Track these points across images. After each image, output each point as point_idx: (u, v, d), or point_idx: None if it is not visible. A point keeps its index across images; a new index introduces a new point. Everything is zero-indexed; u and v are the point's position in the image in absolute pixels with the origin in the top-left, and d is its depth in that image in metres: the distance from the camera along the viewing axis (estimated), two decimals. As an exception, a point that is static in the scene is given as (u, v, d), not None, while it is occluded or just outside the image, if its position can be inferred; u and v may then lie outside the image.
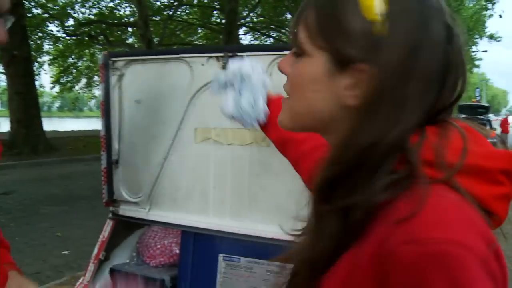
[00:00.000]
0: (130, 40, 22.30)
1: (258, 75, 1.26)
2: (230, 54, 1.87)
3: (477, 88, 33.12)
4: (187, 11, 23.16)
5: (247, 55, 1.78)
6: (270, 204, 1.85)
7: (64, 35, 20.36)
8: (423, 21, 0.62)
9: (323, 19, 0.65)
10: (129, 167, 2.18)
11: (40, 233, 5.94)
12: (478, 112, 18.56)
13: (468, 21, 24.53)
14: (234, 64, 1.27)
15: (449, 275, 0.50)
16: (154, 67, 2.08)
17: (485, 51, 38.29)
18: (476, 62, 34.03)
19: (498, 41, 28.19)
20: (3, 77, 16.27)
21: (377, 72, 0.60)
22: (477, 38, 28.36)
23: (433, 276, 0.50)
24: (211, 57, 1.92)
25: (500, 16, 22.75)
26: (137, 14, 17.05)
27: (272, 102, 1.28)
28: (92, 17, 20.24)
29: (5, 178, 9.89)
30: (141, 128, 2.13)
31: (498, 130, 20.31)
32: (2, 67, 15.32)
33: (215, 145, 1.97)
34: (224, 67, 1.86)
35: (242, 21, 21.87)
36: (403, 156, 0.60)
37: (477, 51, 32.21)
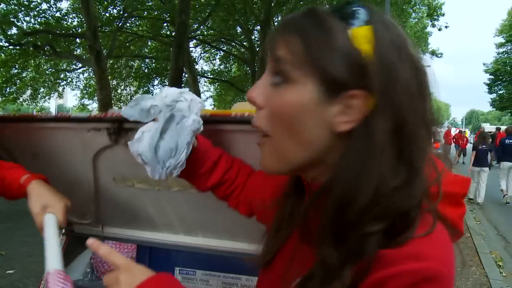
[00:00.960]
0: (78, 51, 21.78)
1: (194, 117, 1.02)
2: (113, 126, 1.52)
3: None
4: (137, 23, 22.91)
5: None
6: (220, 228, 1.81)
7: (7, 44, 19.60)
8: (402, 53, 0.67)
9: (313, 46, 0.64)
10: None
11: (-17, 251, 5.70)
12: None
13: (412, 38, 25.60)
14: (171, 93, 1.02)
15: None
16: (33, 130, 1.68)
17: (428, 66, 40.00)
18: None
19: (440, 57, 29.56)
20: None
21: (374, 98, 0.63)
22: (420, 54, 29.58)
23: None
24: (95, 128, 1.55)
25: (440, 29, 23.94)
26: (85, 24, 16.70)
27: (201, 147, 1.15)
28: (37, 26, 19.61)
29: None
30: (53, 175, 1.74)
31: (442, 141, 21.26)
32: None
33: (142, 189, 1.77)
34: (110, 138, 1.53)
35: (192, 33, 21.86)
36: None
37: (420, 66, 33.58)
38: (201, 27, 23.38)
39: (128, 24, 21.95)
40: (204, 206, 1.73)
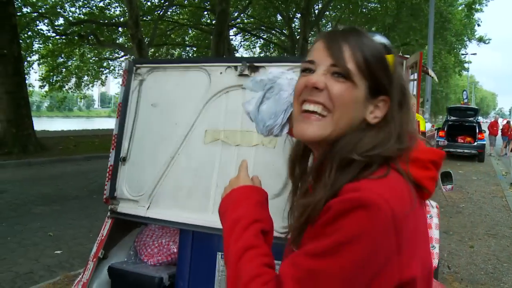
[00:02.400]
0: (120, 40, 22.20)
1: (291, 92, 1.25)
2: (248, 64, 2.03)
3: (464, 90, 33.22)
4: (178, 12, 23.12)
5: (264, 65, 1.98)
6: (270, 204, 1.87)
7: (54, 34, 20.23)
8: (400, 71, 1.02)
9: (372, 61, 0.94)
10: (135, 165, 2.24)
11: (32, 233, 5.91)
12: (467, 114, 18.59)
13: (457, 25, 24.79)
14: (274, 72, 1.31)
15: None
16: (174, 74, 2.20)
17: (474, 54, 38.51)
18: (465, 65, 33.98)
19: (487, 43, 28.45)
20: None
21: (390, 102, 0.96)
22: (466, 41, 28.54)
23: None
24: (229, 66, 2.08)
25: (479, 25, 23.19)
26: (127, 14, 16.99)
27: None
28: (82, 16, 20.13)
29: (-5, 178, 9.83)
30: (153, 129, 2.22)
31: (487, 132, 20.38)
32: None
33: (222, 146, 2.05)
34: (240, 74, 2.04)
35: (232, 22, 21.88)
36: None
37: (466, 54, 32.41)
38: (241, 15, 23.38)
39: (169, 13, 22.20)
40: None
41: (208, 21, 23.13)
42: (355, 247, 0.78)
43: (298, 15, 23.20)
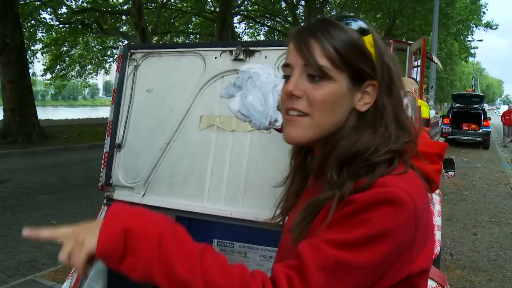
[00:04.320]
0: (124, 28, 22.11)
1: (268, 76, 1.31)
2: (243, 48, 2.00)
3: (473, 77, 32.85)
4: (181, -1, 22.98)
5: (260, 50, 1.99)
6: (265, 189, 1.88)
7: (57, 23, 20.16)
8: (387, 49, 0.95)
9: (345, 51, 0.88)
10: (131, 152, 2.23)
11: (35, 221, 5.95)
12: (472, 101, 18.42)
13: (462, 12, 24.49)
14: (244, 66, 1.35)
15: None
16: (170, 59, 2.20)
17: (481, 40, 38.07)
18: (472, 51, 33.58)
19: (495, 29, 28.10)
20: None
21: (378, 85, 0.91)
22: (473, 27, 28.18)
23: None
24: (224, 51, 2.08)
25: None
26: (130, 2, 16.90)
27: None
28: (85, 5, 20.03)
29: (-1, 167, 9.88)
30: (149, 115, 2.22)
31: (496, 122, 19.31)
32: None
33: (218, 132, 2.05)
34: (235, 59, 2.04)
35: (236, 9, 21.72)
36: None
37: (472, 40, 32.03)
38: (245, 2, 23.21)
39: (172, 1, 22.06)
40: (253, 172, 1.96)
41: (212, 8, 22.97)
42: (383, 241, 0.78)
43: (302, 2, 23.00)
